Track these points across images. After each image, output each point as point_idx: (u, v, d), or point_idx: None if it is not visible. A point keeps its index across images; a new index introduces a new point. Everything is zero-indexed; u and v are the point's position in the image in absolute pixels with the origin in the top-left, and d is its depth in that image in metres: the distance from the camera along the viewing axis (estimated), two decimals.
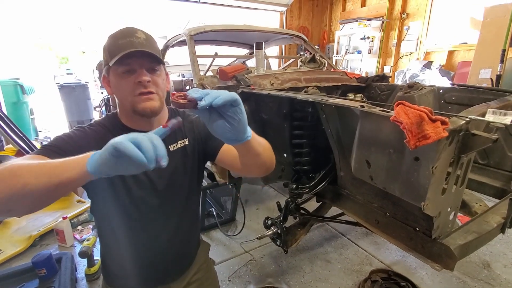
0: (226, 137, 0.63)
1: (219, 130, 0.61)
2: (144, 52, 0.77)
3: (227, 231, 2.36)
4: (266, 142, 0.83)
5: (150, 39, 0.83)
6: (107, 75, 0.84)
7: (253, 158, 0.76)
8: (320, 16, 6.93)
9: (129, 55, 0.76)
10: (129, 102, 0.80)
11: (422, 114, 0.78)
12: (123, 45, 0.77)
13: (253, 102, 1.68)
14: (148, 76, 0.79)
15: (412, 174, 0.91)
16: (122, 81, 0.79)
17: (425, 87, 1.60)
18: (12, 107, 4.08)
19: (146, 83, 0.79)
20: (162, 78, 0.84)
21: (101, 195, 0.87)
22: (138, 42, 0.79)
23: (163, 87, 0.85)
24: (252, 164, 0.81)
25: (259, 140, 0.77)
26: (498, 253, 2.07)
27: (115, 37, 0.81)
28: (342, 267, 1.96)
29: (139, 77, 0.78)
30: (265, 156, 0.79)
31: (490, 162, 1.55)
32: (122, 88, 0.80)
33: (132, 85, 0.79)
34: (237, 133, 0.62)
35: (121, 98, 0.83)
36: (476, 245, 1.07)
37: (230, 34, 3.00)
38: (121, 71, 0.79)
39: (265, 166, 0.82)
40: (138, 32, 0.81)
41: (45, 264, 1.72)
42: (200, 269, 1.11)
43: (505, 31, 3.32)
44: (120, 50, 0.76)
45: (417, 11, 5.00)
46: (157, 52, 0.82)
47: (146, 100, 0.80)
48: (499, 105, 1.15)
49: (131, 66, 0.78)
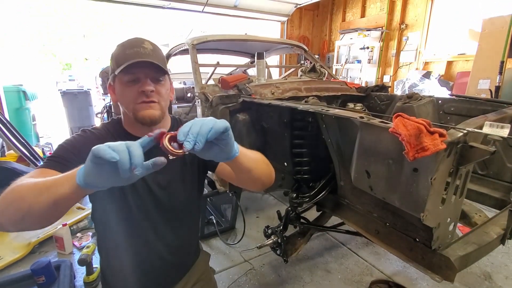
0: (216, 159, 0.65)
1: (211, 155, 0.63)
2: (150, 62, 0.79)
3: (227, 239, 2.35)
4: (262, 157, 0.84)
5: (156, 49, 0.85)
6: (113, 83, 0.86)
7: (245, 174, 0.77)
8: (320, 26, 7.03)
9: (135, 65, 0.78)
10: (131, 110, 0.82)
11: (420, 126, 0.79)
12: (130, 55, 0.80)
13: (254, 111, 1.70)
14: (152, 86, 0.81)
15: (411, 185, 0.92)
16: (127, 89, 0.81)
17: (424, 98, 1.62)
18: (14, 113, 4.10)
19: (149, 93, 0.81)
20: (166, 88, 0.86)
21: (101, 202, 0.88)
22: (144, 53, 0.81)
23: (166, 96, 0.87)
24: (246, 179, 0.83)
25: (251, 156, 0.78)
26: (500, 264, 2.05)
27: (123, 46, 0.83)
28: (343, 277, 1.95)
29: (143, 86, 0.80)
30: (259, 171, 0.80)
31: (490, 173, 1.55)
32: (126, 96, 0.83)
33: (136, 93, 0.81)
34: (226, 153, 0.64)
35: (124, 105, 0.85)
36: (476, 256, 1.07)
37: (232, 44, 3.05)
38: (126, 80, 0.81)
39: (260, 181, 0.83)
40: (145, 43, 0.83)
41: (44, 271, 1.71)
42: (199, 279, 1.11)
43: (503, 42, 3.36)
44: (126, 59, 0.78)
45: (415, 22, 5.08)
46: (163, 63, 0.84)
47: (146, 108, 0.81)
48: (496, 118, 1.16)
49: (136, 76, 0.80)
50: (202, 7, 5.10)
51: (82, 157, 0.74)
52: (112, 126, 0.91)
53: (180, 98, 3.37)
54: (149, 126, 0.85)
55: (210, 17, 5.58)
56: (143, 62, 0.79)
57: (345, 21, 6.43)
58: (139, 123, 0.83)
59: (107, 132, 0.88)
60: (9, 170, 2.52)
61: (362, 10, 5.99)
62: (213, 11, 5.39)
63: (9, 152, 3.08)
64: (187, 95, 3.42)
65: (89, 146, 0.79)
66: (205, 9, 5.17)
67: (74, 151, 0.78)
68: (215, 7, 5.25)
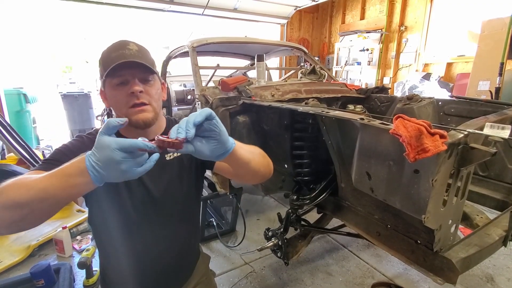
0: (214, 154, 0.64)
1: (206, 150, 0.62)
2: (136, 63, 0.79)
3: (227, 242, 2.34)
4: (257, 149, 0.84)
5: (142, 50, 0.85)
6: (103, 88, 0.86)
7: (244, 167, 0.77)
8: (320, 28, 7.06)
9: (122, 66, 0.77)
10: (124, 114, 0.82)
11: (421, 128, 0.79)
12: (115, 58, 0.79)
13: (254, 113, 1.70)
14: (141, 86, 0.80)
15: (412, 186, 0.91)
16: (116, 92, 0.81)
17: (424, 99, 1.62)
18: (15, 116, 4.11)
19: (139, 94, 0.80)
20: (155, 88, 0.85)
21: (98, 206, 0.87)
22: (129, 54, 0.81)
23: (156, 97, 0.86)
24: (245, 173, 0.83)
25: (247, 148, 0.78)
26: (502, 266, 2.04)
27: (108, 51, 0.83)
28: (344, 280, 1.94)
29: (131, 87, 0.79)
30: (257, 162, 0.80)
31: (491, 174, 1.55)
32: (116, 100, 0.82)
33: (126, 96, 0.80)
34: (222, 144, 0.64)
35: (117, 110, 0.85)
36: (478, 258, 1.06)
37: (232, 46, 3.05)
38: (115, 83, 0.81)
39: (260, 173, 0.83)
40: (130, 44, 0.83)
41: (43, 275, 1.70)
42: (200, 281, 1.10)
43: (502, 44, 3.37)
44: (112, 62, 0.78)
45: (415, 24, 5.09)
46: (150, 63, 0.83)
47: (139, 112, 0.81)
48: (497, 119, 1.16)
49: (124, 78, 0.80)
50: (202, 10, 5.12)
51: None
52: None
53: (180, 100, 3.37)
54: (143, 129, 0.84)
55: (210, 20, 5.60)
56: (129, 63, 0.78)
57: (344, 23, 6.45)
58: (133, 126, 0.83)
59: None
60: (9, 173, 2.51)
61: (361, 12, 6.01)
62: (213, 14, 5.41)
63: (9, 155, 3.07)
64: (187, 97, 3.42)
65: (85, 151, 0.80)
66: (205, 12, 5.19)
67: (70, 155, 0.77)
68: (215, 10, 5.28)
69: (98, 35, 10.00)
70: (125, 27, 7.76)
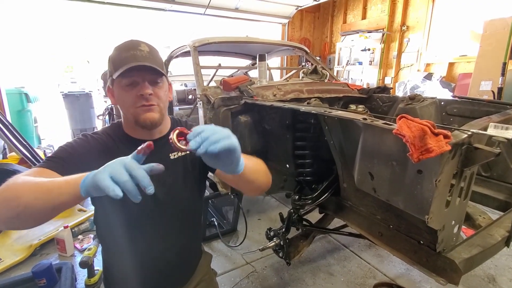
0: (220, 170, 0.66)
1: (212, 165, 0.63)
2: (147, 66, 0.79)
3: (228, 241, 2.34)
4: (261, 166, 0.85)
5: (153, 51, 0.85)
6: (111, 86, 0.86)
7: (246, 185, 0.80)
8: (321, 28, 7.05)
9: (132, 68, 0.78)
10: (131, 114, 0.82)
11: (425, 128, 0.79)
12: (127, 58, 0.79)
13: (256, 113, 1.70)
14: (150, 89, 0.81)
15: (415, 187, 0.91)
16: (125, 93, 0.81)
17: (427, 99, 1.61)
18: (16, 115, 4.12)
19: (148, 96, 0.81)
20: (164, 90, 0.86)
21: (103, 205, 0.88)
22: (141, 56, 0.81)
23: (164, 98, 0.87)
24: (245, 188, 0.86)
25: (254, 168, 0.78)
26: (503, 267, 2.04)
27: (120, 49, 0.83)
28: (345, 280, 1.93)
29: (141, 90, 0.80)
30: (260, 182, 0.82)
31: (493, 175, 1.54)
32: (125, 100, 0.83)
33: (135, 97, 0.81)
34: (231, 170, 0.64)
35: (124, 109, 0.85)
36: (481, 258, 1.06)
37: (233, 46, 3.05)
38: (124, 84, 0.81)
39: (259, 190, 0.86)
40: (141, 45, 0.83)
41: (45, 274, 1.70)
42: (202, 280, 1.10)
43: (505, 44, 3.36)
44: (123, 63, 0.78)
45: (417, 23, 5.08)
46: (160, 65, 0.84)
47: (147, 111, 0.82)
48: (500, 119, 1.16)
49: (134, 79, 0.80)
50: (204, 10, 5.13)
51: (81, 161, 0.75)
52: (112, 130, 0.91)
53: (182, 100, 3.38)
54: (150, 130, 0.85)
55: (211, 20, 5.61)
56: (141, 66, 0.79)
57: (346, 23, 6.43)
58: (139, 126, 0.83)
59: (107, 136, 0.88)
60: (10, 172, 2.52)
61: (363, 12, 5.99)
62: (214, 13, 5.42)
63: (11, 154, 3.08)
64: (189, 97, 3.42)
65: (89, 150, 0.79)
66: (206, 12, 5.19)
67: (74, 154, 0.78)
68: (216, 9, 5.28)
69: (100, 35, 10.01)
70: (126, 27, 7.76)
